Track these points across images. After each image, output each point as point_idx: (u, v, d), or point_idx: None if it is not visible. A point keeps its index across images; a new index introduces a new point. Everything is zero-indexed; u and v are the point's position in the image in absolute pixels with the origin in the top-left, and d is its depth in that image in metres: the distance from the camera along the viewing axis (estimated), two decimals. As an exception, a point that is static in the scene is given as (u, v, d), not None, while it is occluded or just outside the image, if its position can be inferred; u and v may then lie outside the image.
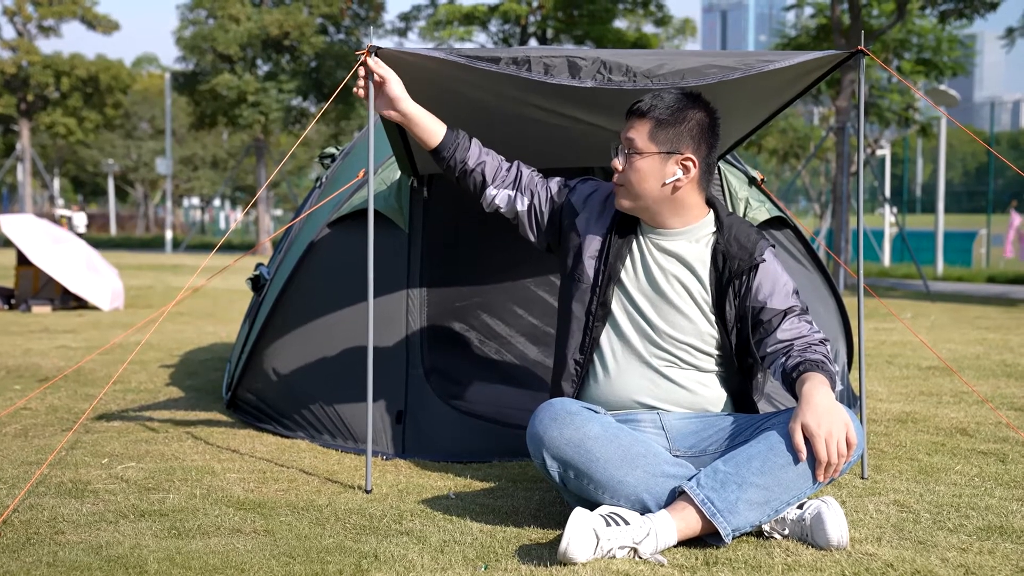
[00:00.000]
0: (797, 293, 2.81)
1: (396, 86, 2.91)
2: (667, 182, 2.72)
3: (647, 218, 2.80)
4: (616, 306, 2.81)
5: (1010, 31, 15.95)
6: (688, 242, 2.80)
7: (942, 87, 18.94)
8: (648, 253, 2.81)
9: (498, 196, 2.95)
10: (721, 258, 2.77)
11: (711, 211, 2.84)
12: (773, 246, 2.87)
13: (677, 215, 2.78)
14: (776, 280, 2.78)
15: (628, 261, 2.82)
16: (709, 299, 2.77)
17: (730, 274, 2.76)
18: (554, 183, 2.97)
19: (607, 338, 2.81)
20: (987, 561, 2.37)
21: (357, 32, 29.04)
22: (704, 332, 2.77)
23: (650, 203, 2.76)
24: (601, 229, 2.85)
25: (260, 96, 27.17)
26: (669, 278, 2.78)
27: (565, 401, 2.66)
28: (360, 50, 2.94)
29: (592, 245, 2.84)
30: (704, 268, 2.78)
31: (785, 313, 2.75)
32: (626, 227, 2.84)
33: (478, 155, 2.95)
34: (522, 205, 2.94)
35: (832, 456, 2.44)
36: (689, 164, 2.73)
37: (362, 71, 2.91)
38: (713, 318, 2.77)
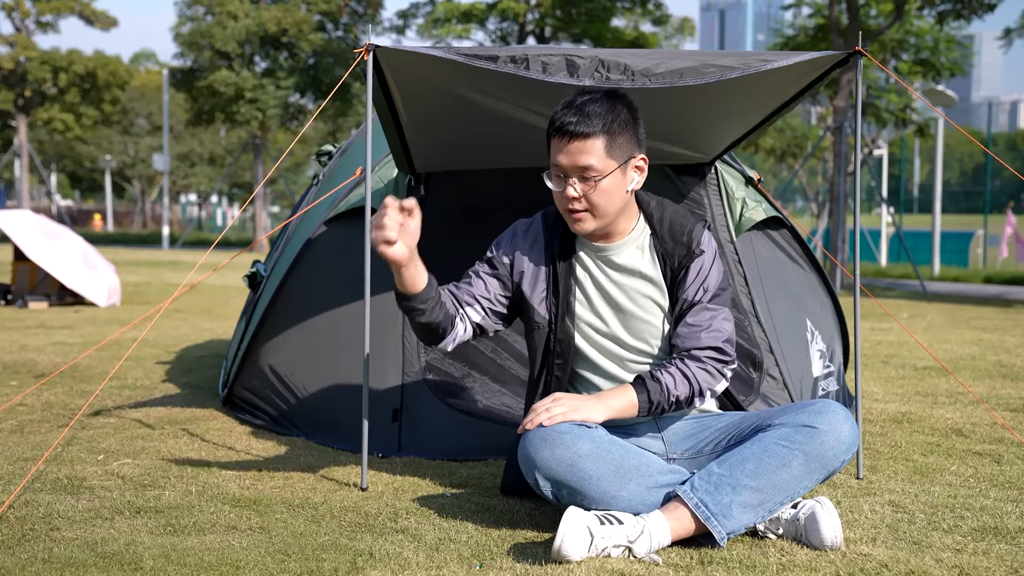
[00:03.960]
0: (723, 289, 2.72)
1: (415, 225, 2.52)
2: (629, 189, 2.66)
3: (602, 233, 2.71)
4: (580, 339, 2.75)
5: (1008, 32, 15.99)
6: (636, 249, 2.74)
7: (939, 87, 18.94)
8: (601, 272, 2.75)
9: (459, 337, 2.74)
10: (661, 259, 2.73)
11: (636, 204, 2.77)
12: (708, 226, 2.80)
13: (626, 217, 2.72)
14: (702, 275, 2.70)
15: (578, 291, 2.75)
16: (667, 301, 2.75)
17: (672, 273, 2.72)
18: (482, 266, 2.80)
19: (584, 372, 2.76)
20: (981, 562, 2.38)
21: (355, 29, 28.98)
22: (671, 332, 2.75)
23: (614, 216, 2.68)
24: (539, 264, 2.76)
25: (258, 93, 27.11)
26: (630, 293, 2.73)
27: None
28: (358, 47, 2.93)
29: (538, 286, 2.76)
30: (658, 274, 2.73)
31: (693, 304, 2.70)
32: (565, 253, 2.76)
33: (451, 314, 2.69)
34: (477, 316, 2.76)
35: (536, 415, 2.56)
36: (642, 163, 2.68)
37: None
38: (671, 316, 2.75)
